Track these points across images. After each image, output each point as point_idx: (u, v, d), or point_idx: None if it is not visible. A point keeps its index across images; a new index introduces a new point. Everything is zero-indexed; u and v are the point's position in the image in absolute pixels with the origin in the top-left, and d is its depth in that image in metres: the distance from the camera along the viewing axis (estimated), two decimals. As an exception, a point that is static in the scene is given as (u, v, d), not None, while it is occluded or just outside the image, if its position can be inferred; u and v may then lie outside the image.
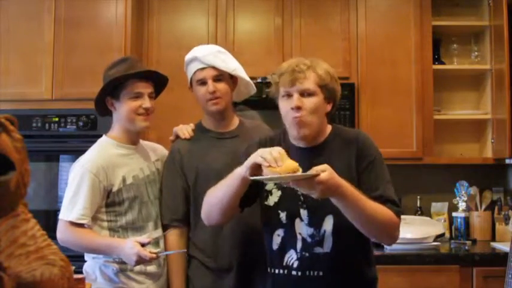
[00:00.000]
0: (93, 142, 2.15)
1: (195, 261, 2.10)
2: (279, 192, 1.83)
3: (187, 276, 2.11)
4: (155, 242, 2.07)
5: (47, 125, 3.09)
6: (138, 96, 2.06)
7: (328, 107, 1.82)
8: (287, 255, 1.79)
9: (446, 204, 3.48)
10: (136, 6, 3.26)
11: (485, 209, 3.39)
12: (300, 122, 1.74)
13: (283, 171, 1.55)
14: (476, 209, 3.38)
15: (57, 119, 3.09)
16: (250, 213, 1.99)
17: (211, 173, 2.04)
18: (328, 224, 1.75)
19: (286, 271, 1.79)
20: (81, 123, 3.05)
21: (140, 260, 1.92)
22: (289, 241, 1.79)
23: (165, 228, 2.12)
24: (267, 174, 1.58)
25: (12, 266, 0.97)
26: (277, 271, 1.82)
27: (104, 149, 2.10)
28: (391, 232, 1.75)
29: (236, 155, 1.99)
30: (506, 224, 3.21)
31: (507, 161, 3.16)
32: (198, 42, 2.21)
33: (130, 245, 1.92)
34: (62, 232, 1.99)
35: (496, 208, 3.35)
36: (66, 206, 2.00)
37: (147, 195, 2.11)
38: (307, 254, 1.76)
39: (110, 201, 2.04)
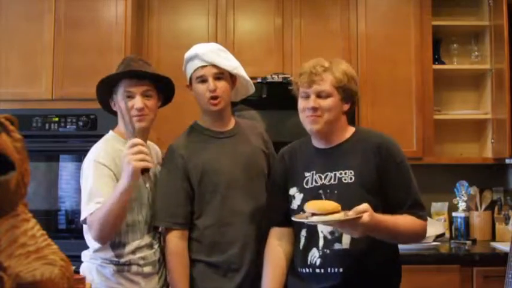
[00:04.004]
0: (93, 142, 2.12)
1: (201, 263, 2.04)
2: (301, 195, 1.89)
3: (191, 278, 2.05)
4: (149, 245, 2.03)
5: (47, 125, 3.08)
6: (129, 96, 2.01)
7: (346, 107, 1.90)
8: (310, 254, 1.85)
9: (446, 204, 3.48)
10: (136, 6, 3.26)
11: (485, 209, 3.39)
12: (314, 118, 1.84)
13: (324, 210, 1.63)
14: (476, 209, 3.38)
15: (57, 119, 3.08)
16: (259, 212, 2.04)
17: (216, 173, 2.05)
18: None
19: (310, 270, 1.84)
20: (81, 123, 3.05)
21: (135, 154, 1.79)
22: (312, 240, 1.85)
23: (165, 230, 2.06)
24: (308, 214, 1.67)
25: (12, 266, 0.97)
26: (303, 270, 1.87)
27: (111, 143, 2.05)
28: (421, 238, 1.91)
29: (235, 154, 2.08)
30: (506, 224, 3.21)
31: (507, 161, 3.16)
32: (198, 42, 2.20)
33: (124, 161, 1.81)
34: (90, 228, 1.89)
35: (496, 208, 3.35)
36: (86, 202, 1.90)
37: (146, 198, 2.05)
38: (328, 251, 1.82)
39: None
